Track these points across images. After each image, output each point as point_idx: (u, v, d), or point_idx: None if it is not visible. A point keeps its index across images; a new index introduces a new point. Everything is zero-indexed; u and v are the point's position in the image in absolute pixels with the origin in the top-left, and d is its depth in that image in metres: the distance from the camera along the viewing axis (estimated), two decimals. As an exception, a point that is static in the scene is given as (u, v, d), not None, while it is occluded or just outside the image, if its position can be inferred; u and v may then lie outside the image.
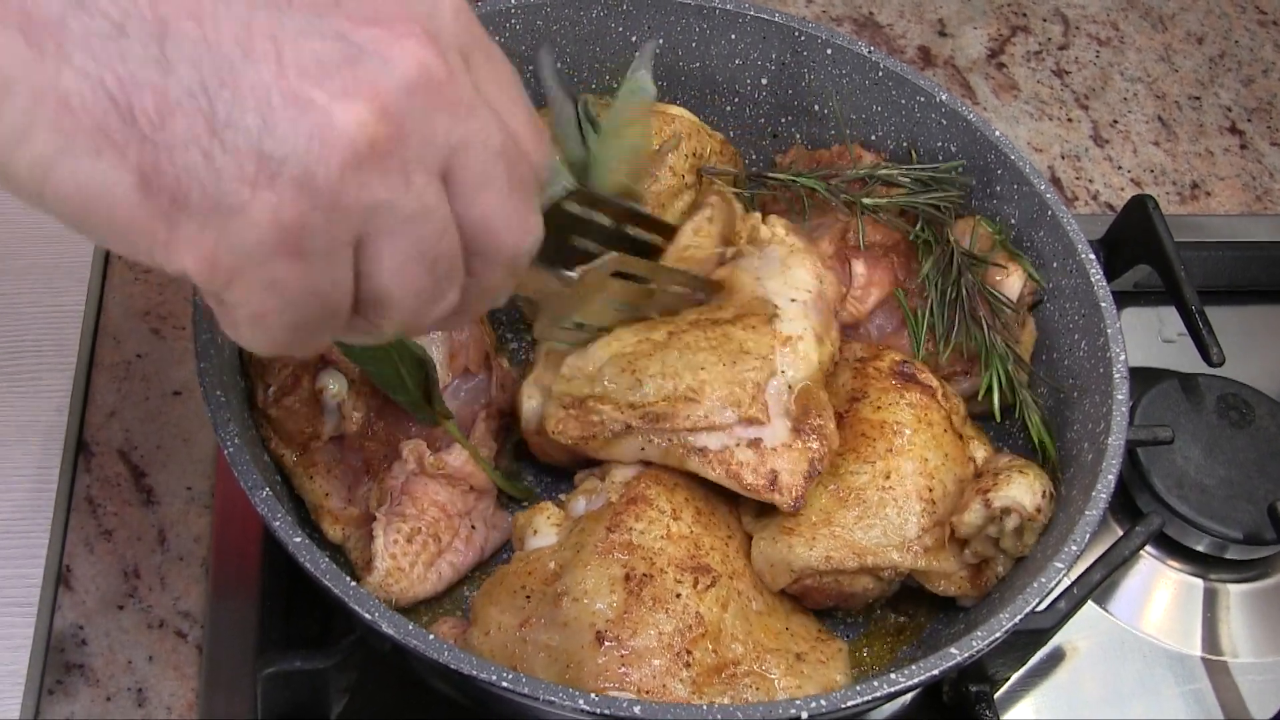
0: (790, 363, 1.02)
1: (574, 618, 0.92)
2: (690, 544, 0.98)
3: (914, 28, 1.65)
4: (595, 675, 0.90)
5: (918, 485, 1.01)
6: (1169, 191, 1.53)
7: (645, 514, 0.98)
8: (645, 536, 0.96)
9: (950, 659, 0.86)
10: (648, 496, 0.99)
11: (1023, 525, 0.99)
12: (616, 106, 1.08)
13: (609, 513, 0.98)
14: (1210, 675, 1.16)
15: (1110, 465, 0.97)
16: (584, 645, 0.91)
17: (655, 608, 0.93)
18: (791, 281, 1.07)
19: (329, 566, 0.84)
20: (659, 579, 0.94)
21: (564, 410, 1.01)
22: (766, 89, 1.25)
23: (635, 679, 0.90)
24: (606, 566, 0.94)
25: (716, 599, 0.95)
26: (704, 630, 0.93)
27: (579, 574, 0.94)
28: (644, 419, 0.99)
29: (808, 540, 0.99)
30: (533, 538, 1.01)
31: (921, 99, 1.19)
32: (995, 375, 1.11)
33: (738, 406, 0.98)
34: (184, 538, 1.12)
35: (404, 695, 1.02)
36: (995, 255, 1.14)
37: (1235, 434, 1.23)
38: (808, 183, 1.17)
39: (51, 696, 1.03)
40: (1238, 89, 1.65)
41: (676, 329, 1.03)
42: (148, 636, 1.07)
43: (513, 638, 0.94)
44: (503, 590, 0.97)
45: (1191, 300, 1.21)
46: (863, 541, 0.99)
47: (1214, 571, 1.21)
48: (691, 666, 0.92)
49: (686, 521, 0.99)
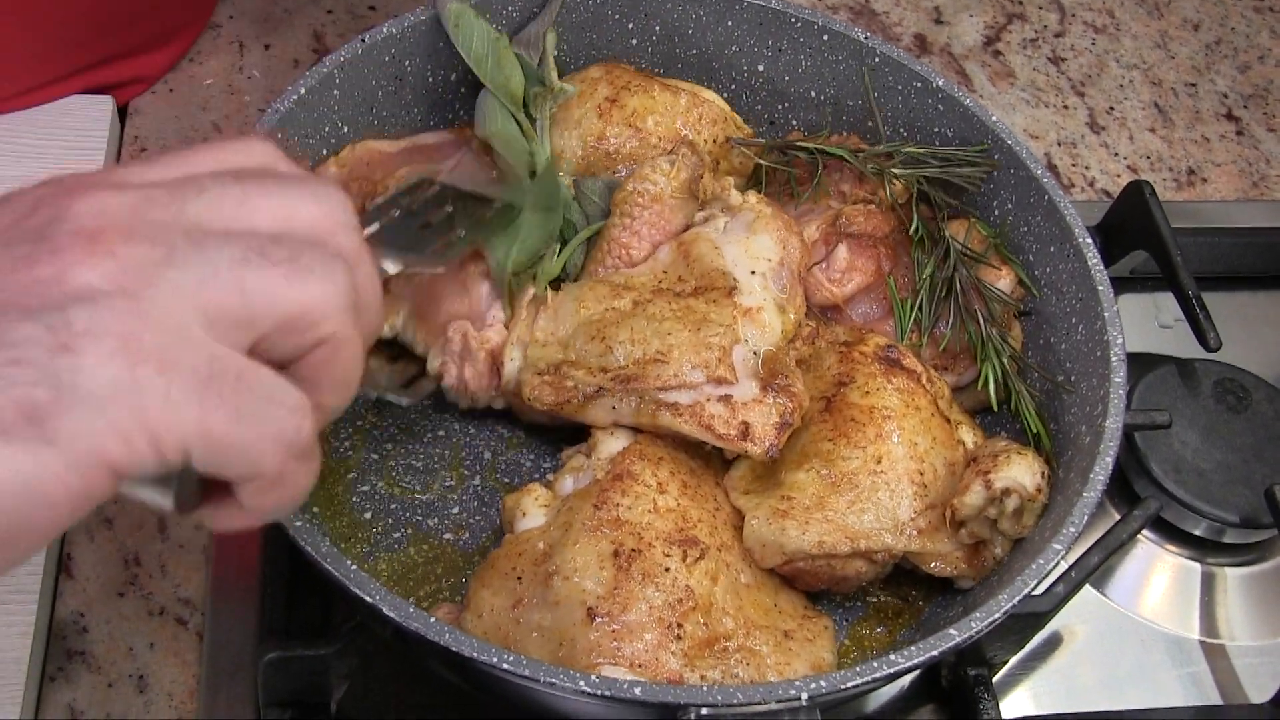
0: (753, 333, 1.03)
1: (565, 596, 0.93)
2: (678, 517, 0.98)
3: (910, 15, 1.65)
4: (588, 651, 0.90)
5: (909, 469, 1.01)
6: (1165, 178, 1.53)
7: (631, 489, 0.98)
8: (632, 512, 0.97)
9: (949, 640, 0.87)
10: (634, 472, 0.99)
11: (1022, 506, 1.00)
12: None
13: (595, 490, 0.99)
14: (1208, 658, 1.16)
15: (1108, 448, 0.98)
16: (576, 623, 0.91)
17: (645, 582, 0.93)
18: (754, 250, 1.08)
19: (330, 550, 0.84)
20: (647, 553, 0.94)
21: (539, 377, 1.03)
22: (763, 75, 1.26)
23: (628, 653, 0.90)
24: (595, 543, 0.95)
25: (706, 572, 0.96)
26: (694, 604, 0.94)
27: (568, 552, 0.95)
28: (615, 380, 1.00)
29: (800, 524, 0.99)
30: (521, 520, 1.01)
31: (918, 85, 1.19)
32: (991, 367, 1.11)
33: (706, 367, 1.00)
34: (184, 525, 1.12)
35: (404, 681, 1.02)
36: (989, 257, 1.14)
37: (1232, 418, 1.23)
38: (836, 152, 1.17)
39: (53, 683, 1.03)
40: (1234, 75, 1.66)
41: (641, 298, 1.05)
42: (148, 624, 1.07)
43: (505, 619, 0.94)
44: (494, 573, 0.98)
45: (1188, 285, 1.22)
46: (856, 526, 0.99)
47: (1211, 555, 1.21)
48: (683, 639, 0.92)
49: (673, 495, 0.99)
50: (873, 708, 1.10)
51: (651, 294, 1.05)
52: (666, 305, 1.04)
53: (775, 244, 1.09)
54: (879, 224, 1.16)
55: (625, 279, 1.08)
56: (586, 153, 1.16)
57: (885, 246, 1.16)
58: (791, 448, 1.03)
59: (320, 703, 0.97)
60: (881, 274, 1.15)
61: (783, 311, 1.06)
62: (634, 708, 0.83)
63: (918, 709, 1.10)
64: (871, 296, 1.16)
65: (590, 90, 1.17)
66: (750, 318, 1.03)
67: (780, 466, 1.03)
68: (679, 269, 1.07)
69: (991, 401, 1.11)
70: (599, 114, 1.16)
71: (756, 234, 1.09)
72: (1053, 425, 1.09)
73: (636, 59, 1.25)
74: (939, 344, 1.13)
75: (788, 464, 1.03)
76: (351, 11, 1.53)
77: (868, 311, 1.15)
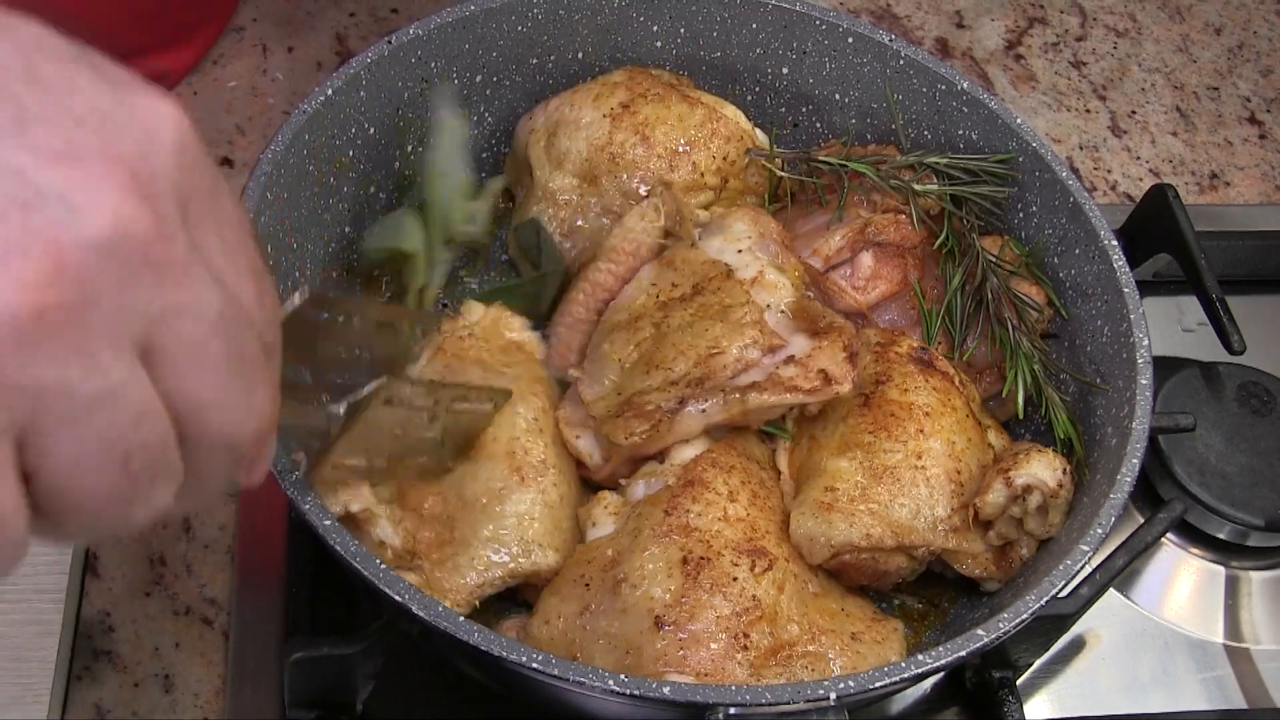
0: (768, 295, 1.05)
1: (632, 603, 0.93)
2: (747, 526, 0.98)
3: (931, 19, 1.65)
4: (654, 660, 0.90)
5: (947, 467, 1.01)
6: (1188, 182, 1.53)
7: (702, 496, 0.98)
8: (702, 519, 0.97)
9: (977, 640, 0.87)
10: (705, 479, 0.99)
11: (1046, 503, 0.99)
12: (434, 152, 1.14)
13: (666, 496, 0.98)
14: (1232, 662, 1.16)
15: (1135, 449, 0.97)
16: (642, 630, 0.91)
17: (713, 591, 0.93)
18: (732, 235, 1.11)
19: (359, 549, 0.85)
20: (716, 562, 0.94)
21: (617, 419, 1.02)
22: (787, 78, 1.26)
23: (694, 662, 0.90)
24: (664, 550, 0.94)
25: (773, 582, 0.96)
26: (761, 613, 0.93)
27: (636, 559, 0.95)
28: (690, 386, 1.00)
29: (847, 516, 0.99)
30: (592, 529, 1.01)
31: (943, 87, 1.19)
32: (1020, 374, 1.11)
33: (756, 342, 1.02)
34: (209, 526, 1.13)
35: (430, 680, 1.03)
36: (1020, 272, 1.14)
37: (1256, 422, 1.23)
38: (858, 167, 1.16)
39: (80, 682, 1.04)
40: (1256, 79, 1.65)
41: (655, 319, 1.06)
42: (174, 623, 1.08)
43: (572, 625, 0.94)
44: (563, 580, 0.97)
45: (1212, 288, 1.21)
46: (899, 519, 0.99)
47: (1235, 559, 1.21)
48: (750, 649, 0.92)
49: (743, 504, 0.99)
50: (898, 710, 1.10)
51: (661, 311, 1.06)
52: (684, 312, 1.05)
53: (749, 224, 1.12)
54: (908, 234, 1.16)
55: (627, 312, 1.08)
56: (591, 154, 1.16)
57: (913, 257, 1.16)
58: (832, 436, 1.04)
59: (346, 702, 0.98)
60: (908, 283, 1.15)
61: (781, 270, 1.08)
62: (663, 707, 0.83)
63: (942, 711, 1.10)
64: (898, 306, 1.15)
65: (607, 94, 1.18)
66: (759, 284, 1.06)
67: (821, 452, 1.04)
68: (668, 278, 1.09)
69: (1018, 408, 1.11)
70: (611, 119, 1.16)
71: (729, 223, 1.12)
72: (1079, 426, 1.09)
73: (661, 61, 1.25)
74: (965, 356, 1.13)
75: (829, 449, 1.03)
76: (374, 14, 1.54)
77: (894, 320, 1.15)
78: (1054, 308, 1.14)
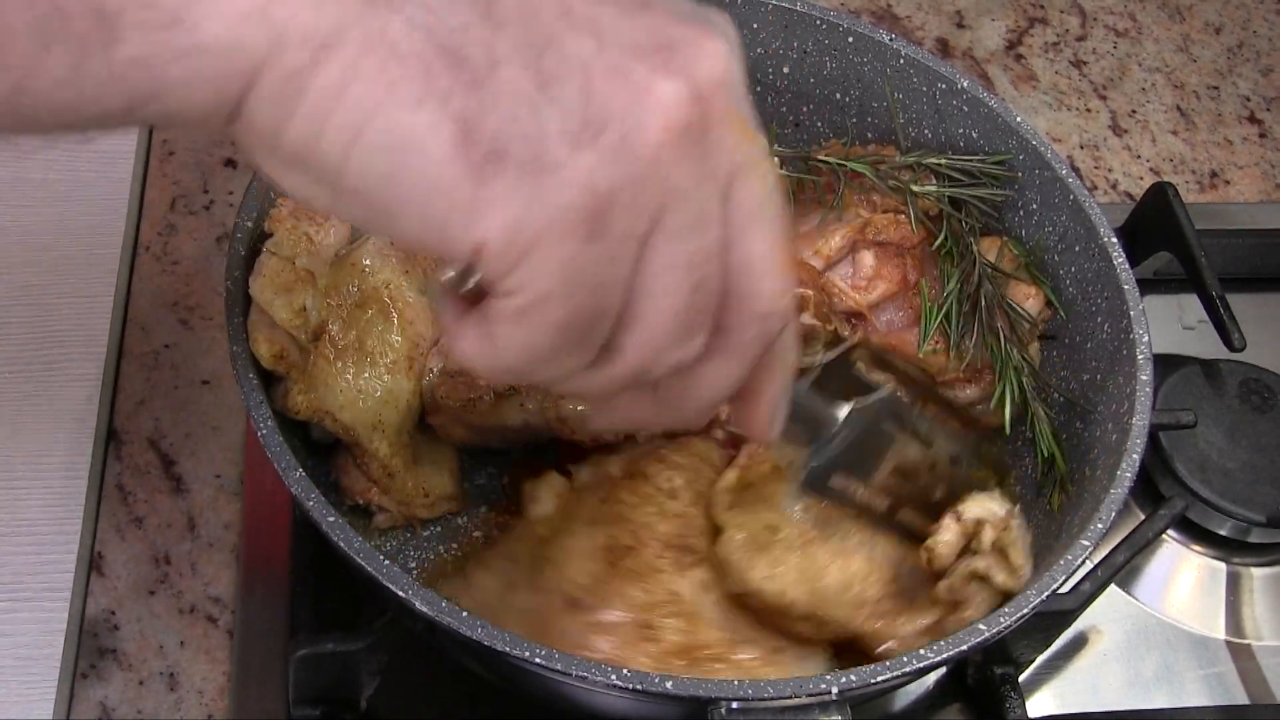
0: None
1: (553, 584, 0.92)
2: (682, 524, 0.96)
3: (931, 19, 1.66)
4: (559, 638, 0.89)
5: (894, 553, 0.96)
6: (1188, 180, 1.53)
7: (641, 489, 0.97)
8: (637, 511, 0.96)
9: (978, 635, 0.87)
10: (648, 473, 0.98)
11: (1001, 539, 0.93)
12: None
13: (607, 484, 0.98)
14: (1234, 659, 1.16)
15: (1135, 444, 0.98)
16: (555, 610, 0.91)
17: (631, 580, 0.92)
18: None
19: (363, 546, 0.85)
20: (641, 552, 0.93)
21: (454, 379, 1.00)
22: (788, 77, 1.26)
23: (596, 647, 0.89)
24: (591, 536, 0.94)
25: (700, 582, 0.93)
26: (678, 609, 0.92)
27: (564, 541, 0.94)
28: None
29: (770, 565, 0.93)
30: (533, 506, 1.01)
31: (943, 86, 1.19)
32: (1009, 387, 1.10)
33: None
34: (213, 524, 1.13)
35: (434, 676, 1.03)
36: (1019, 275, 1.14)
37: (1257, 418, 1.23)
38: (857, 167, 1.16)
39: (85, 680, 1.04)
40: (1256, 79, 1.66)
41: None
42: (179, 621, 1.08)
43: (494, 599, 0.94)
44: (495, 554, 0.98)
45: (1212, 286, 1.21)
46: (824, 589, 0.93)
47: (1237, 555, 1.21)
48: (659, 642, 0.90)
49: (684, 502, 0.97)
50: (898, 707, 1.10)
51: None
52: None
53: None
54: (909, 233, 1.16)
55: None
56: None
57: (912, 257, 1.16)
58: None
59: (351, 698, 0.98)
60: (907, 283, 1.14)
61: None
62: (665, 702, 0.83)
63: (944, 708, 1.10)
64: (897, 304, 1.15)
65: None
66: None
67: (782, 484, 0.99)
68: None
69: (1005, 422, 1.10)
70: None
71: None
72: (1079, 424, 1.09)
73: (661, 61, 1.26)
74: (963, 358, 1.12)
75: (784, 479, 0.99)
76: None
77: (893, 319, 1.15)
78: (1053, 308, 1.15)
